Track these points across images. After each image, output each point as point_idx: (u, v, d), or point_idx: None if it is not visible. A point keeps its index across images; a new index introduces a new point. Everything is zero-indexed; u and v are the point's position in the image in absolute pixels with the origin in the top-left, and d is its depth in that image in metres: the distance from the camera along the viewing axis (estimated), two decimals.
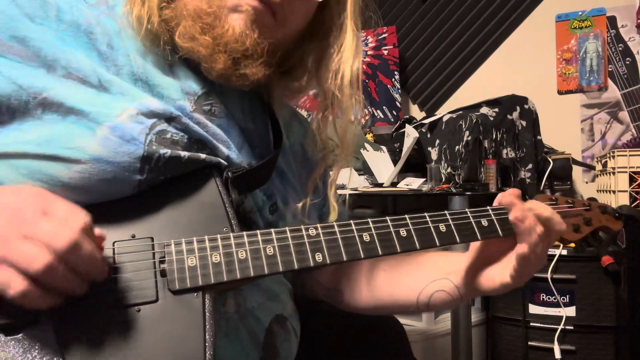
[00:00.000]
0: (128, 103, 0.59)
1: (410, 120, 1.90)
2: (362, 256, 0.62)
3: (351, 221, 0.64)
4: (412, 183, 1.65)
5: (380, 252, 0.63)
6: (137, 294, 0.54)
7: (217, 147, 0.65)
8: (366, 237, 0.63)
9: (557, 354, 1.61)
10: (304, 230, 0.61)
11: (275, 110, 0.78)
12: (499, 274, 0.69)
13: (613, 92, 2.00)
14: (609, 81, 2.00)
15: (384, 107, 2.28)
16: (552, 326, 1.63)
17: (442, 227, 0.67)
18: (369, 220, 0.65)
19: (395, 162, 1.77)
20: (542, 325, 1.66)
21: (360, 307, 0.83)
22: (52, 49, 0.58)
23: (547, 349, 1.64)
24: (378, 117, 2.28)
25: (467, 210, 0.69)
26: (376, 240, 0.63)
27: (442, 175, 1.65)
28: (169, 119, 0.61)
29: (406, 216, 0.66)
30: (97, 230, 0.52)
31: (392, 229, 0.65)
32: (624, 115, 1.99)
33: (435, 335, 1.65)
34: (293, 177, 0.79)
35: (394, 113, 2.25)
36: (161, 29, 0.65)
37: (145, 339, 0.53)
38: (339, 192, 0.82)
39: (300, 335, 0.85)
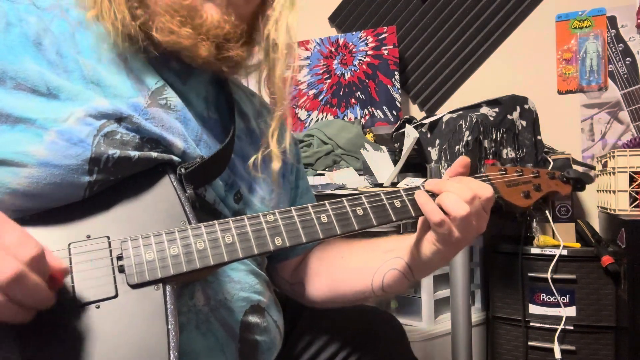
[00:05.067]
0: (76, 107, 0.60)
1: (410, 120, 1.90)
2: (321, 236, 0.64)
3: (308, 205, 0.65)
4: (412, 183, 1.65)
5: (338, 232, 0.65)
6: (96, 291, 0.54)
7: (173, 142, 0.65)
8: (324, 218, 0.65)
9: (557, 354, 1.61)
10: (262, 217, 0.63)
11: (241, 99, 0.81)
12: (433, 238, 0.70)
13: (613, 92, 2.00)
14: (609, 81, 2.00)
15: (384, 107, 2.28)
16: (552, 326, 1.64)
17: (397, 203, 0.69)
18: (326, 202, 0.66)
19: (395, 162, 1.76)
20: (542, 325, 1.66)
21: (322, 299, 0.84)
22: (0, 62, 0.59)
23: (547, 349, 1.64)
24: (378, 117, 2.28)
25: (420, 185, 0.72)
26: (334, 221, 0.65)
27: (442, 175, 1.64)
28: (119, 119, 0.62)
29: (362, 195, 0.68)
30: (58, 264, 0.51)
31: (348, 209, 0.66)
32: (624, 115, 1.98)
33: (435, 335, 1.65)
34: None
35: (394, 113, 2.25)
36: (135, 29, 0.66)
37: (106, 334, 0.53)
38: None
39: (296, 334, 0.85)
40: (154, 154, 0.63)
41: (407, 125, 1.78)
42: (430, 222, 0.67)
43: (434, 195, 0.69)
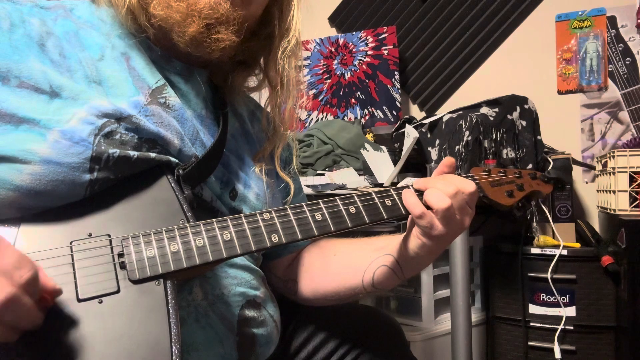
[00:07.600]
0: (79, 106, 0.61)
1: (410, 120, 1.90)
2: (316, 233, 0.66)
3: (303, 204, 0.67)
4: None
5: (332, 229, 0.67)
6: (98, 287, 0.55)
7: (169, 141, 0.67)
8: (318, 216, 0.67)
9: (557, 354, 1.61)
10: (258, 215, 0.64)
11: (235, 100, 0.84)
12: (418, 232, 0.72)
13: (613, 92, 2.00)
14: (609, 81, 2.00)
15: (384, 107, 2.28)
16: (552, 326, 1.64)
17: (388, 202, 0.71)
18: (320, 201, 0.68)
19: (395, 162, 1.76)
20: (542, 325, 1.66)
21: (314, 295, 0.85)
22: (4, 60, 0.60)
23: (547, 349, 1.64)
24: (378, 117, 2.28)
25: (409, 184, 0.74)
26: (328, 219, 0.67)
27: None
28: (119, 118, 0.63)
29: (354, 194, 0.70)
30: (52, 285, 0.51)
31: (342, 207, 0.68)
32: (624, 115, 1.99)
33: (435, 335, 1.65)
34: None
35: (394, 113, 2.25)
36: (138, 6, 0.68)
37: (109, 328, 0.54)
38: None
39: (293, 329, 0.86)
40: (152, 155, 0.65)
41: (407, 125, 1.78)
42: (412, 215, 0.70)
43: (422, 193, 0.72)
